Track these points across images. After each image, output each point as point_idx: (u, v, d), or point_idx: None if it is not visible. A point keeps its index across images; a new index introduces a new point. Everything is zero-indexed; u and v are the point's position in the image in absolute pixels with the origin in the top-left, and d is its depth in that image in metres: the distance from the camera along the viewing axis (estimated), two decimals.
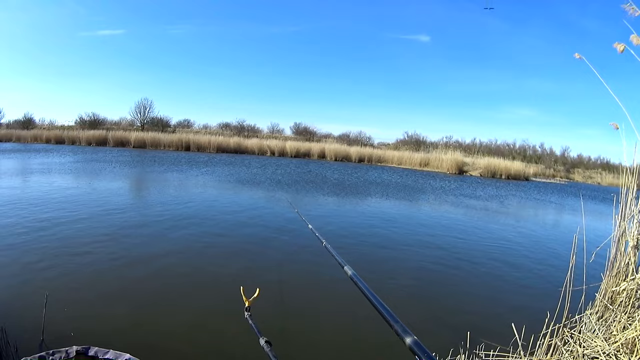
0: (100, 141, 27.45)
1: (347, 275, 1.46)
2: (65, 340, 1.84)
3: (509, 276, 5.11)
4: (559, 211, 12.57)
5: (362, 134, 38.75)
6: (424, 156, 27.96)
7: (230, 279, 4.07)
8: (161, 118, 36.70)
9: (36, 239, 5.03)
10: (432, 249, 6.06)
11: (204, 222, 6.62)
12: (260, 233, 6.23)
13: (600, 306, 2.26)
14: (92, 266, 4.24)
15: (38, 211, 6.56)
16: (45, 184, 9.79)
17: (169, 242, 5.38)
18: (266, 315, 2.98)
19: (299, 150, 29.23)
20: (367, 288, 1.28)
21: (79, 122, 34.45)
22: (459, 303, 4.08)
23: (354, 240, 6.18)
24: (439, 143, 36.72)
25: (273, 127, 41.54)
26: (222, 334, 3.07)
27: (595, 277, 2.45)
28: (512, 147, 37.91)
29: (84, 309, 3.28)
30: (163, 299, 3.62)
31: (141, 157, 19.78)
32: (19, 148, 22.92)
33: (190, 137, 28.88)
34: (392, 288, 4.18)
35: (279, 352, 1.63)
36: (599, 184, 29.51)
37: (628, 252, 2.29)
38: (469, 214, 10.10)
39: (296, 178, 14.60)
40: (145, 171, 14.68)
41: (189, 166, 16.50)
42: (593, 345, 1.90)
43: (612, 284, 2.29)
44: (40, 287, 3.46)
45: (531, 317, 2.40)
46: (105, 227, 5.86)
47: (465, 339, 2.38)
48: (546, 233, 8.38)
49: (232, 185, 11.63)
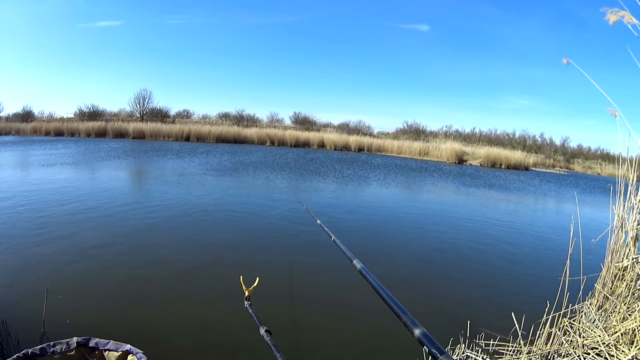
0: (99, 132, 27.27)
1: (357, 268, 1.47)
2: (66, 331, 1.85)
3: (509, 266, 5.13)
4: (559, 201, 12.58)
5: (362, 123, 38.54)
6: (423, 145, 27.85)
7: (231, 269, 4.08)
8: (160, 109, 36.36)
9: (36, 231, 5.03)
10: (431, 240, 6.07)
11: (206, 212, 6.61)
12: (262, 223, 6.23)
13: (600, 296, 2.27)
14: (91, 258, 4.24)
15: (38, 203, 6.56)
16: (45, 175, 9.77)
17: (169, 232, 5.38)
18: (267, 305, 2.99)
19: (298, 140, 29.08)
20: (376, 281, 1.28)
21: (78, 113, 34.07)
22: (458, 293, 4.11)
23: (352, 230, 6.19)
24: (438, 132, 36.58)
25: (272, 117, 41.28)
26: (222, 323, 3.09)
27: (595, 268, 2.46)
28: (512, 137, 37.74)
29: (84, 300, 3.29)
30: (163, 289, 3.63)
31: (141, 148, 19.71)
32: (19, 140, 22.84)
33: (190, 128, 28.73)
34: (391, 278, 4.18)
35: (279, 341, 1.64)
36: (598, 174, 29.47)
37: (627, 243, 2.29)
38: (468, 203, 10.11)
39: (297, 166, 14.57)
40: (146, 162, 14.64)
41: (189, 156, 16.45)
42: (592, 336, 1.90)
43: (611, 274, 2.30)
44: (40, 279, 3.47)
45: (531, 307, 2.41)
46: (105, 218, 5.86)
47: (465, 329, 2.39)
48: (546, 223, 8.40)
49: (233, 176, 11.60)
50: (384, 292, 1.19)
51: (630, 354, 1.65)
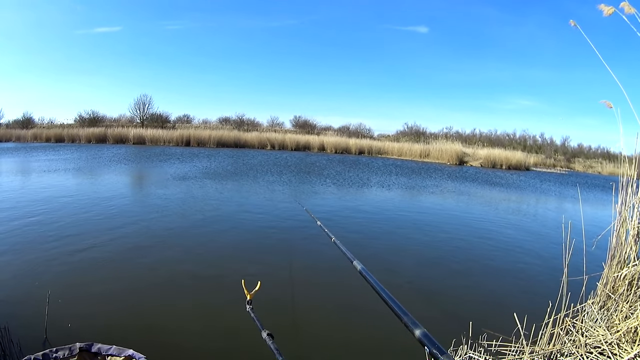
0: (99, 138, 27.38)
1: (357, 269, 1.46)
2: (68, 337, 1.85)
3: (511, 266, 5.12)
4: (560, 200, 12.55)
5: (362, 125, 38.69)
6: (424, 147, 27.87)
7: (232, 272, 4.08)
8: (161, 114, 36.54)
9: (38, 237, 5.03)
10: (432, 240, 6.07)
11: (207, 216, 6.61)
12: (262, 226, 6.23)
13: (602, 295, 2.26)
14: (92, 263, 4.24)
15: (39, 209, 6.56)
16: (46, 181, 9.79)
17: (170, 236, 5.38)
18: (268, 309, 2.99)
19: (299, 143, 29.14)
20: (376, 282, 1.28)
21: (79, 120, 34.23)
22: (461, 294, 4.09)
23: (354, 232, 6.18)
24: (439, 134, 36.62)
25: (273, 121, 41.41)
26: (224, 327, 3.08)
27: (596, 267, 2.45)
28: (513, 137, 37.79)
29: (86, 306, 3.29)
30: (165, 294, 3.63)
31: (141, 153, 19.75)
32: (19, 147, 22.90)
33: (190, 132, 28.81)
34: (393, 279, 4.18)
35: (280, 343, 1.63)
36: (599, 173, 29.45)
37: (629, 241, 2.29)
38: (469, 204, 10.10)
39: (297, 170, 14.59)
40: (146, 167, 14.67)
41: (189, 161, 16.47)
42: (595, 335, 1.90)
43: (613, 273, 2.29)
44: (42, 285, 3.47)
45: (533, 307, 2.40)
46: (106, 223, 5.86)
47: (468, 330, 2.39)
48: (547, 222, 8.37)
49: (233, 179, 11.62)
50: (384, 293, 1.19)
51: (632, 352, 1.65)
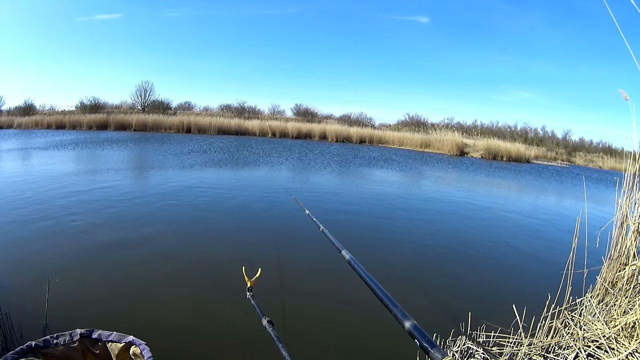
0: (101, 125, 27.19)
1: (345, 259, 1.45)
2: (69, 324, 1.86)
3: (510, 258, 5.14)
4: (560, 194, 12.55)
5: (363, 115, 38.37)
6: (424, 137, 27.74)
7: (231, 260, 4.08)
8: (162, 101, 36.25)
9: (38, 223, 5.05)
10: (430, 231, 6.07)
11: (205, 205, 6.63)
12: (261, 215, 6.25)
13: (601, 290, 2.27)
14: (93, 250, 4.26)
15: (39, 195, 6.57)
16: (46, 168, 9.79)
17: (170, 224, 5.39)
18: (268, 296, 3.00)
19: (300, 131, 28.98)
20: (365, 272, 1.26)
21: (80, 106, 33.87)
22: (459, 285, 4.11)
23: (349, 222, 6.19)
24: (440, 124, 36.41)
25: (274, 109, 41.17)
26: (224, 314, 3.11)
27: (596, 261, 2.45)
28: (514, 130, 37.53)
29: (87, 293, 3.31)
30: (165, 281, 3.65)
31: (143, 140, 19.70)
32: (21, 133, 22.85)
33: (191, 119, 28.66)
34: (389, 270, 4.20)
35: (281, 332, 1.64)
36: (600, 167, 29.34)
37: (629, 237, 2.28)
38: (468, 195, 10.09)
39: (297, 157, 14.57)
40: (146, 154, 14.64)
41: (189, 148, 16.43)
42: (593, 329, 1.91)
43: (612, 267, 2.29)
44: (42, 272, 3.48)
45: (532, 300, 2.41)
46: (106, 210, 5.87)
47: (466, 321, 2.40)
48: (548, 215, 8.37)
49: (231, 168, 11.62)
50: (372, 283, 1.17)
51: (630, 347, 1.66)
